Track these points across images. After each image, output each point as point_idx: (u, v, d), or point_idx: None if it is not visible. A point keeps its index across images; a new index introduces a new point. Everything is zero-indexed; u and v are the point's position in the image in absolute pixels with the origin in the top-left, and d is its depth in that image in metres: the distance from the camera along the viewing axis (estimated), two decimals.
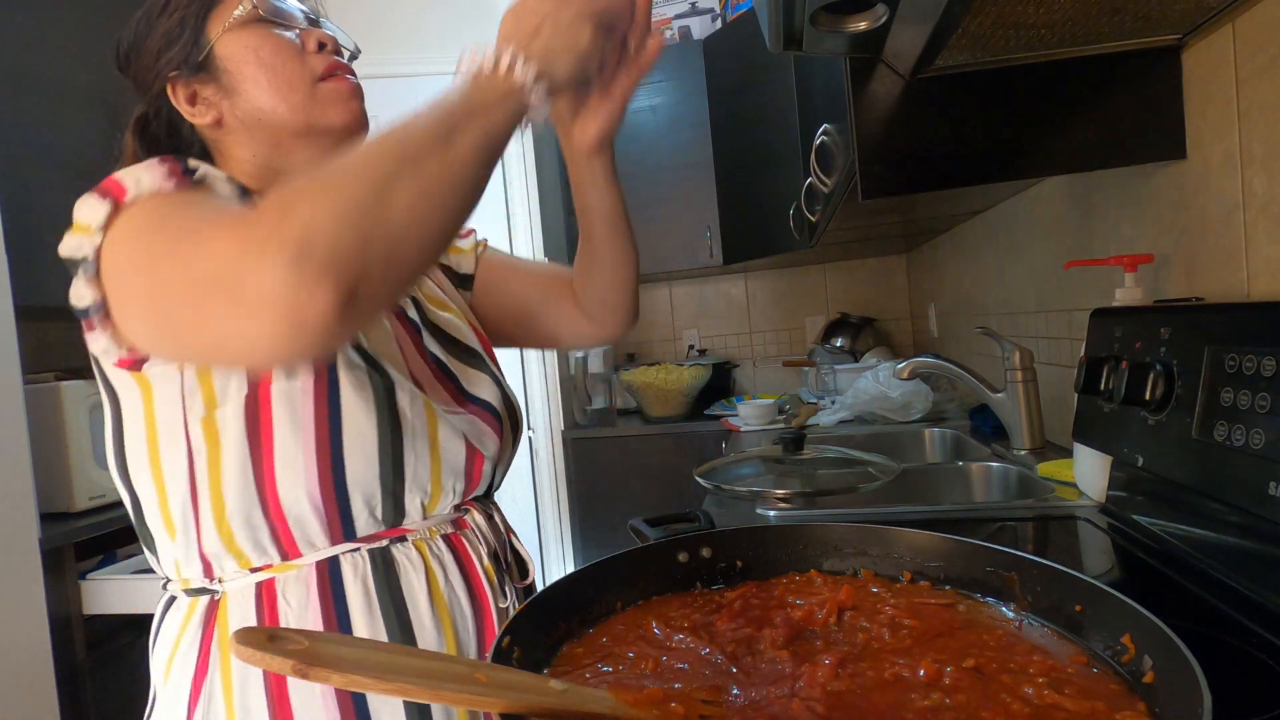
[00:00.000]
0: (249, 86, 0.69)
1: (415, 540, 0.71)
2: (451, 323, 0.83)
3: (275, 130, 0.70)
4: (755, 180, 2.66)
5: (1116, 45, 0.89)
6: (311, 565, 0.67)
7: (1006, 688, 0.41)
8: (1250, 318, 0.67)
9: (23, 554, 1.63)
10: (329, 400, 0.66)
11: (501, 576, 0.76)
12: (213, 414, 0.64)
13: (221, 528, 0.65)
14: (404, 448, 0.68)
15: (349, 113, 0.72)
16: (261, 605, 0.66)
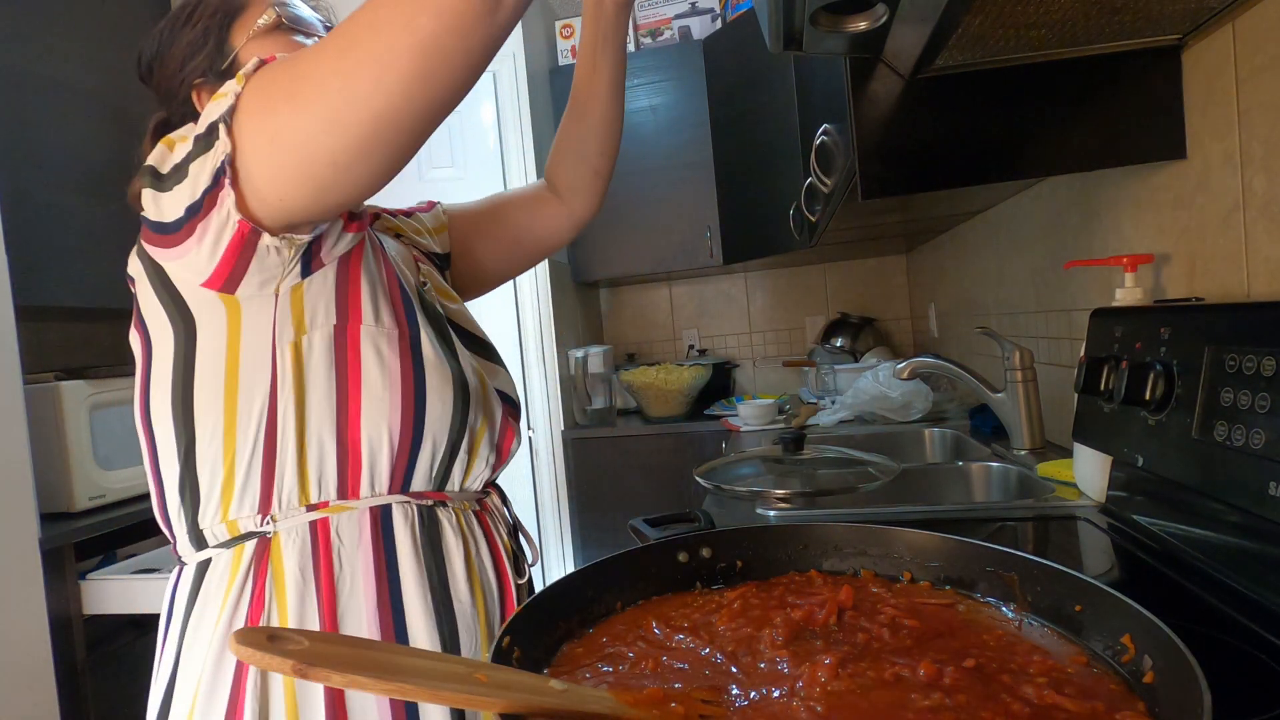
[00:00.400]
0: None
1: (454, 506, 0.75)
2: (461, 313, 0.87)
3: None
4: (755, 180, 2.66)
5: (1116, 45, 0.89)
6: (366, 509, 0.70)
7: (1006, 688, 0.41)
8: (1250, 318, 0.67)
9: (23, 554, 1.63)
10: (413, 353, 0.72)
11: (517, 555, 0.81)
12: (300, 339, 0.67)
13: (302, 453, 0.68)
14: (469, 412, 0.74)
15: None
16: (316, 543, 0.68)
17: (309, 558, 0.68)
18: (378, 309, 0.71)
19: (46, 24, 2.18)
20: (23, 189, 1.96)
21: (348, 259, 0.71)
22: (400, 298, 0.74)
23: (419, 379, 0.71)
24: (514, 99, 2.65)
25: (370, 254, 0.74)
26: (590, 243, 2.94)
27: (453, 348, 0.77)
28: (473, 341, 0.85)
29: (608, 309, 3.40)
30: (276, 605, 0.67)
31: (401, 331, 0.72)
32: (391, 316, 0.72)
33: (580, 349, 2.81)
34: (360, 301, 0.70)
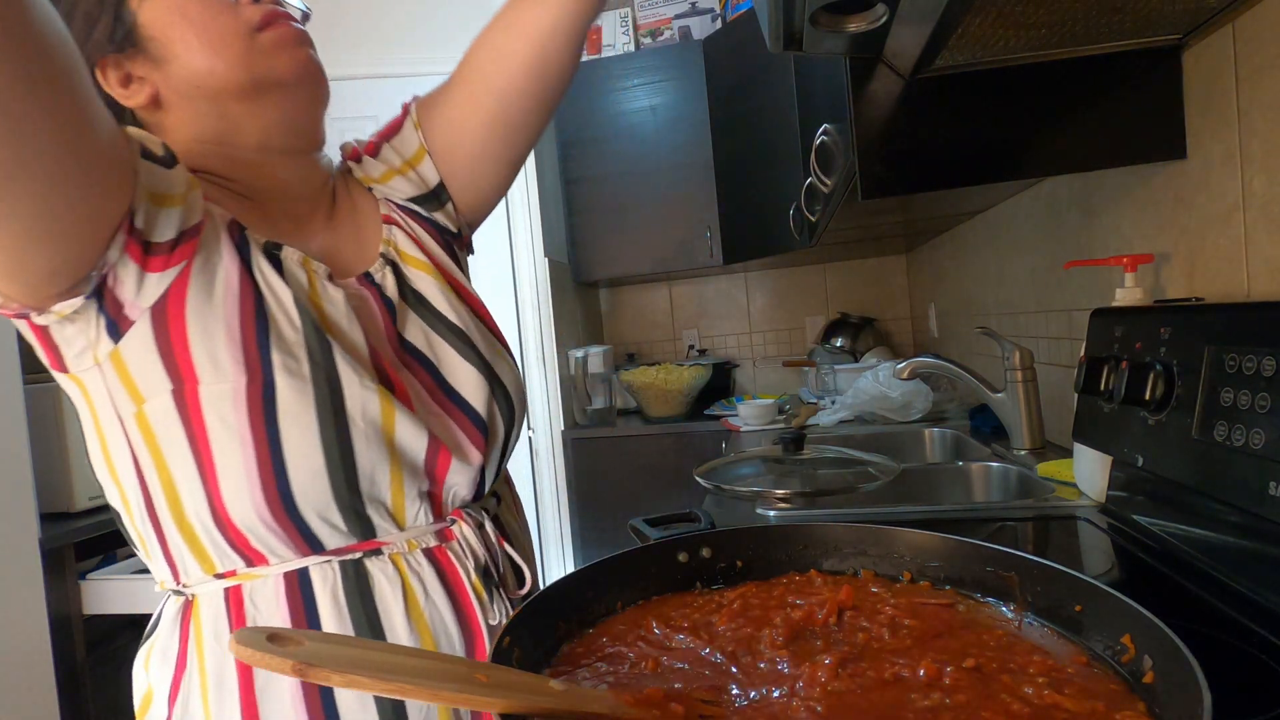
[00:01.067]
0: (179, 50, 0.63)
1: (391, 554, 0.65)
2: (432, 290, 0.74)
3: (217, 96, 0.64)
4: (755, 180, 2.66)
5: (1116, 45, 0.89)
6: (279, 575, 0.62)
7: (1006, 687, 0.41)
8: (1250, 318, 0.67)
9: (23, 554, 1.63)
10: (264, 408, 0.59)
11: (491, 591, 0.69)
12: (142, 409, 0.59)
13: (183, 528, 0.61)
14: (355, 458, 0.61)
15: (296, 61, 0.65)
16: (230, 610, 0.62)
17: (224, 625, 0.62)
18: (216, 359, 0.58)
19: None
20: None
21: (164, 305, 0.58)
22: (254, 334, 0.60)
23: (274, 442, 0.59)
24: None
25: (202, 285, 0.59)
26: (590, 243, 2.94)
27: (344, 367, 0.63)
28: (441, 325, 0.72)
29: (608, 309, 3.40)
30: (198, 670, 0.62)
31: (251, 378, 0.59)
32: (236, 362, 0.59)
33: (580, 349, 2.81)
34: (191, 356, 0.58)
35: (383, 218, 0.77)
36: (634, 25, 2.98)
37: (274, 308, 0.62)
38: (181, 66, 0.63)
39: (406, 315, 0.72)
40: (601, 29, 2.98)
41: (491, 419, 0.72)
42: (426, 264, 0.75)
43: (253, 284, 0.62)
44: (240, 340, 0.59)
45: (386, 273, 0.72)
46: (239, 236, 0.63)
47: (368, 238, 0.75)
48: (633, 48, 2.96)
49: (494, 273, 2.68)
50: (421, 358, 0.71)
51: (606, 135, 2.89)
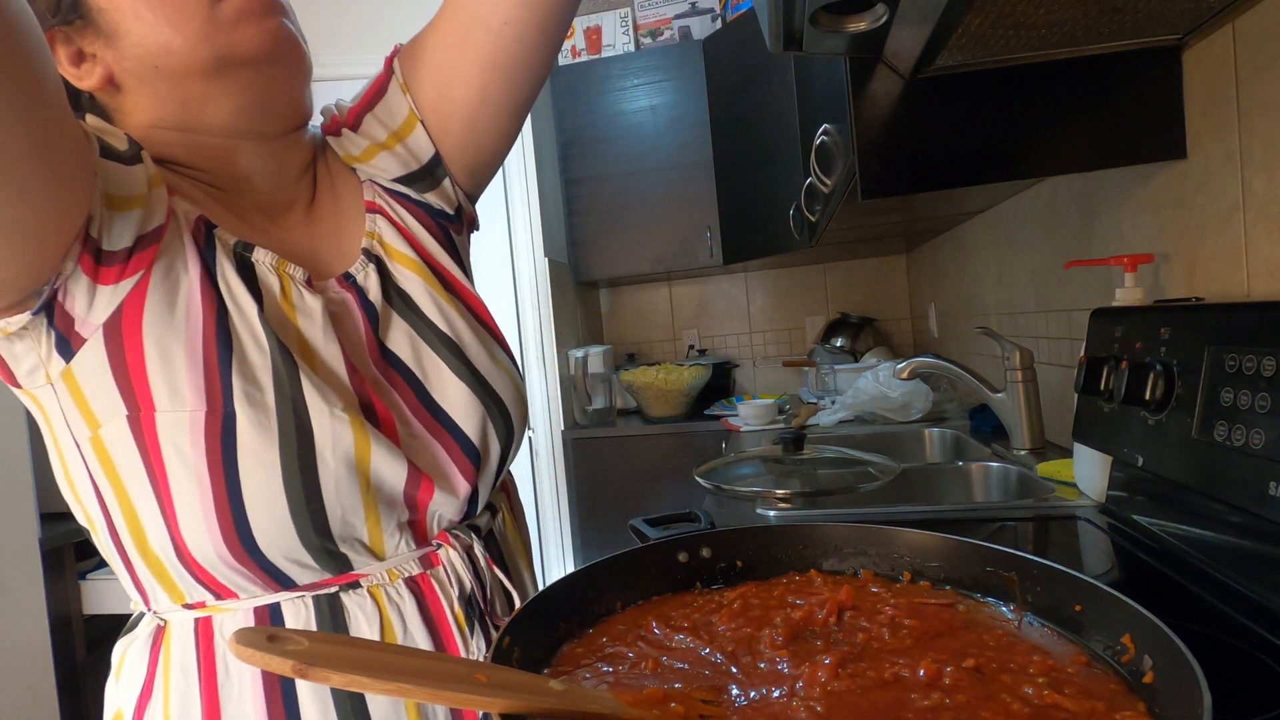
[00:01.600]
0: (131, 24, 0.55)
1: (370, 587, 0.60)
2: (420, 291, 0.66)
3: (176, 76, 0.56)
4: (755, 180, 2.66)
5: (1116, 45, 0.89)
6: (250, 609, 0.58)
7: (1006, 687, 0.41)
8: (1250, 318, 0.67)
9: (23, 554, 1.63)
10: (223, 442, 0.53)
11: (473, 623, 0.64)
12: (98, 434, 0.54)
13: (148, 559, 0.56)
14: (324, 501, 0.56)
15: (264, 32, 0.57)
16: (198, 642, 0.59)
17: (192, 661, 0.58)
18: (173, 384, 0.53)
19: None
20: None
21: (118, 322, 0.52)
22: (216, 358, 0.54)
23: (232, 482, 0.53)
24: None
25: (161, 299, 0.54)
26: (590, 243, 2.94)
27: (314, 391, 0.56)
28: (429, 332, 0.65)
29: (608, 309, 3.40)
30: (162, 702, 0.58)
31: (211, 408, 0.53)
32: (196, 389, 0.53)
33: (580, 349, 2.81)
34: (148, 380, 0.52)
35: (366, 205, 0.68)
36: (634, 25, 2.98)
37: (239, 326, 0.56)
38: (135, 43, 0.56)
39: (390, 320, 0.65)
40: (601, 29, 2.98)
41: (484, 443, 0.65)
42: (415, 261, 0.67)
43: (216, 298, 0.56)
44: (201, 364, 0.54)
45: (369, 271, 0.65)
46: (205, 238, 0.57)
47: (349, 230, 0.67)
48: (633, 48, 2.96)
49: (494, 273, 2.68)
50: (406, 372, 0.64)
51: (606, 135, 2.89)
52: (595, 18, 2.99)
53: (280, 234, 0.64)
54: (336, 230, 0.67)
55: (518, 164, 2.67)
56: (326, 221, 0.67)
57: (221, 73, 0.57)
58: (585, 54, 2.98)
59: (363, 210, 0.68)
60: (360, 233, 0.67)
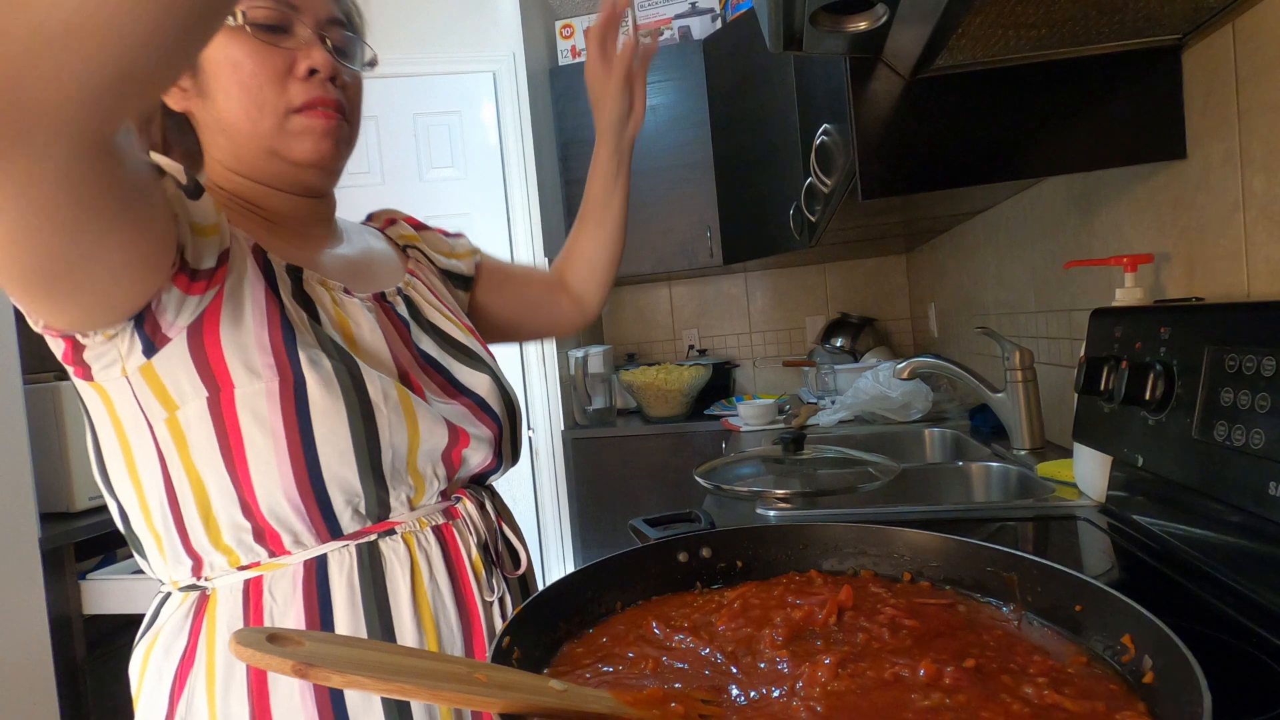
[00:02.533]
0: (221, 97, 0.67)
1: (404, 533, 0.69)
2: (445, 322, 0.82)
3: (239, 143, 0.69)
4: (755, 180, 2.66)
5: (1116, 45, 0.89)
6: (300, 563, 0.66)
7: (1006, 688, 0.41)
8: (1250, 318, 0.67)
9: (23, 554, 1.63)
10: (295, 401, 0.63)
11: (490, 568, 0.73)
12: (174, 415, 0.62)
13: (209, 526, 0.64)
14: (380, 440, 0.66)
15: (315, 152, 0.69)
16: (248, 601, 0.65)
17: (239, 618, 0.64)
18: (250, 365, 0.63)
19: None
20: None
21: (200, 325, 0.61)
22: (282, 342, 0.64)
23: (305, 432, 0.63)
24: (514, 99, 2.65)
25: (234, 304, 0.64)
26: None
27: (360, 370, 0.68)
28: (452, 346, 0.80)
29: (608, 309, 3.40)
30: (205, 664, 0.64)
31: (283, 379, 0.63)
32: (270, 367, 0.63)
33: (580, 349, 2.81)
34: (227, 367, 0.62)
35: (408, 270, 0.84)
36: (634, 25, 2.98)
37: (295, 319, 0.66)
38: (217, 108, 0.68)
39: (421, 334, 0.79)
40: None
41: (495, 405, 0.79)
42: (438, 303, 0.83)
43: (278, 301, 0.66)
44: (270, 348, 0.63)
45: (399, 301, 0.79)
46: (263, 260, 0.68)
47: (382, 273, 0.82)
48: None
49: None
50: (435, 364, 0.77)
51: None
52: (595, 18, 2.99)
53: (315, 258, 0.75)
54: (369, 267, 0.81)
55: (518, 164, 2.67)
56: (358, 259, 0.80)
57: (271, 159, 0.70)
58: (585, 54, 2.99)
59: (400, 267, 0.85)
60: (394, 280, 0.82)
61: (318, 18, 0.69)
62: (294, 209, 0.74)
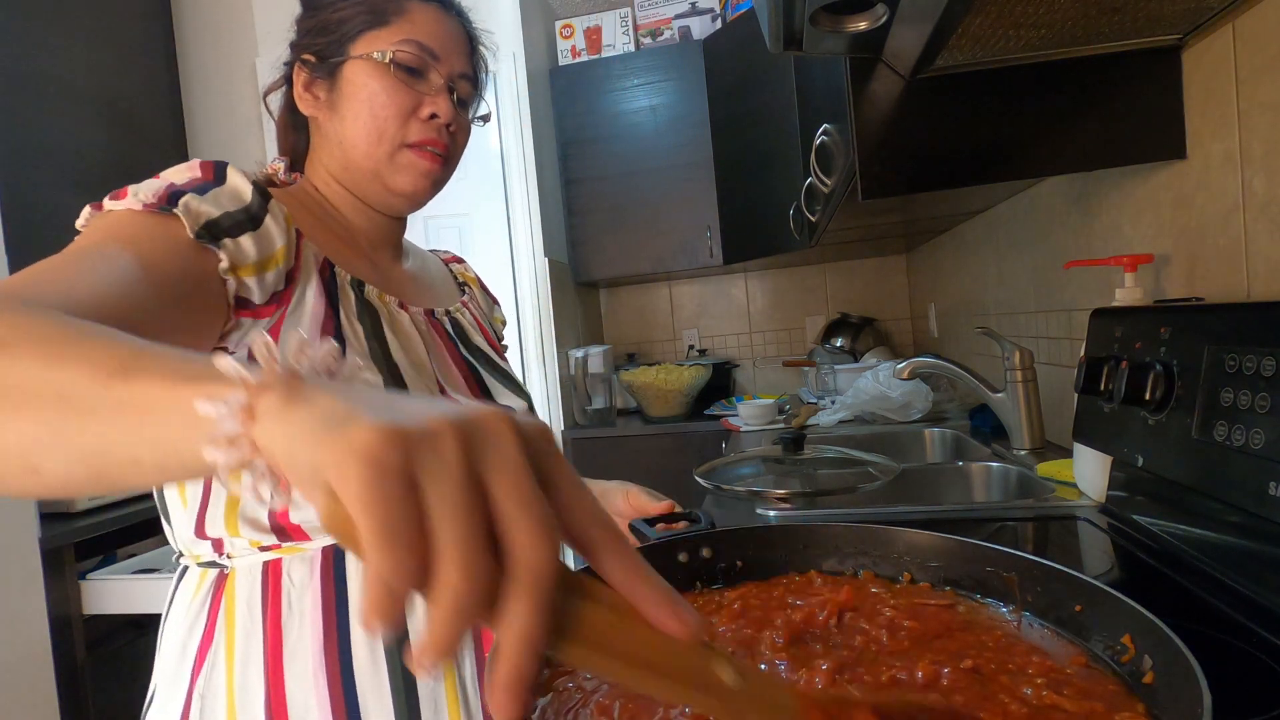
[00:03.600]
0: (348, 116, 0.74)
1: None
2: (489, 350, 0.88)
3: (350, 159, 0.76)
4: (755, 180, 2.66)
5: (1116, 45, 0.89)
6: (319, 549, 0.68)
7: (1005, 688, 0.41)
8: (1250, 318, 0.67)
9: (23, 554, 1.63)
10: None
11: None
12: None
13: (230, 517, 0.65)
14: None
15: (412, 186, 0.76)
16: (267, 583, 0.67)
17: (258, 598, 0.67)
18: None
19: (46, 24, 2.18)
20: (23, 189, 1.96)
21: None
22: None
23: None
24: (514, 99, 2.65)
25: (294, 320, 0.67)
26: (590, 243, 2.94)
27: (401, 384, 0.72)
28: (494, 369, 0.86)
29: (608, 309, 3.40)
30: (225, 641, 0.66)
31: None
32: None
33: (580, 349, 2.80)
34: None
35: (461, 302, 0.91)
36: (634, 25, 2.98)
37: (350, 335, 0.71)
38: (342, 124, 0.75)
39: (466, 353, 0.84)
40: (601, 29, 2.98)
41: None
42: (484, 339, 0.89)
43: (335, 317, 0.71)
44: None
45: (447, 320, 0.84)
46: (329, 276, 0.72)
47: (437, 293, 0.88)
48: (633, 48, 2.96)
49: (494, 273, 2.68)
50: (478, 378, 0.82)
51: (606, 135, 2.89)
52: (595, 18, 2.98)
53: (378, 271, 0.81)
54: (427, 286, 0.88)
55: (518, 164, 2.67)
56: (416, 276, 0.87)
57: (374, 180, 0.77)
58: (585, 54, 2.98)
59: (455, 294, 0.92)
60: (447, 303, 0.88)
61: (452, 70, 0.77)
62: (373, 225, 0.81)
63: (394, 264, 0.85)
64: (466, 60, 0.79)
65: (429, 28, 0.75)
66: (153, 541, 1.99)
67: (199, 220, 0.59)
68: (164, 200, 0.58)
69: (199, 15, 2.69)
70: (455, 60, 0.77)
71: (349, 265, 0.76)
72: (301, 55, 0.77)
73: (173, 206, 0.58)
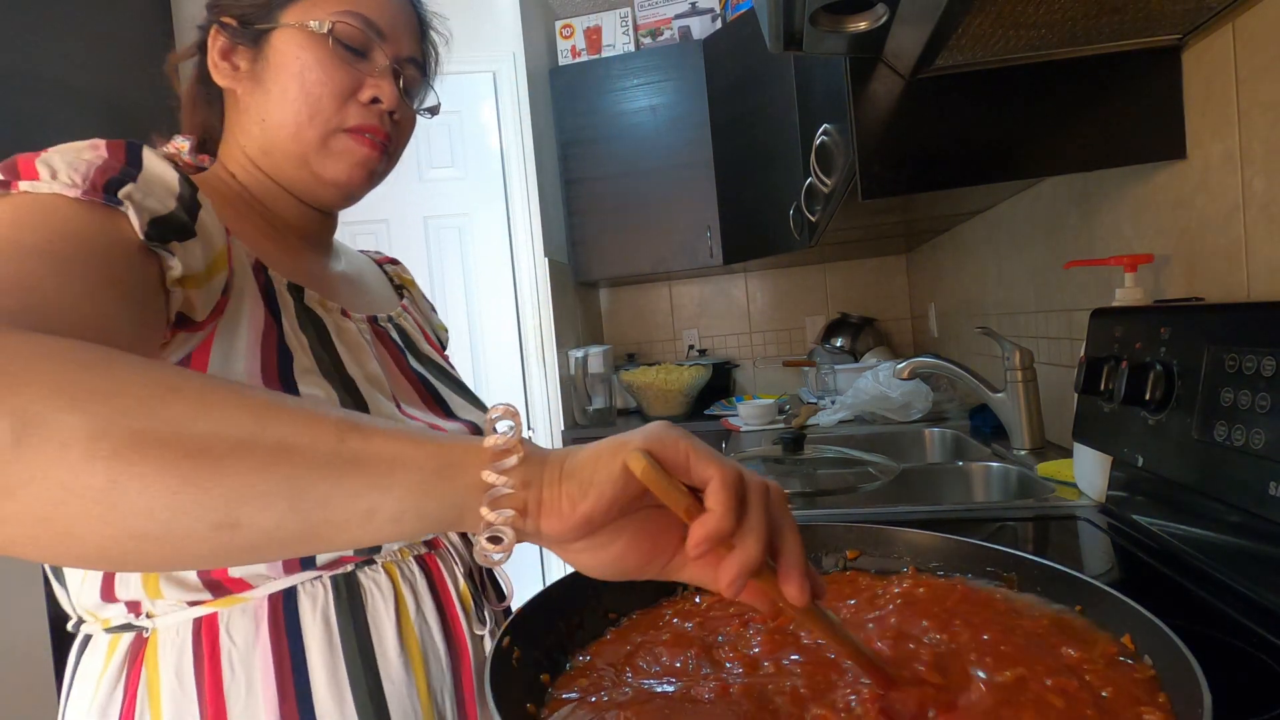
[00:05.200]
0: (276, 92, 0.65)
1: (385, 562, 0.61)
2: (437, 357, 0.81)
3: (274, 141, 0.66)
4: (755, 180, 2.66)
5: (1116, 45, 0.89)
6: (263, 598, 0.57)
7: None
8: (1250, 318, 0.67)
9: None
10: None
11: (478, 599, 0.67)
12: None
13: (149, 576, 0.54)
14: None
15: (346, 174, 0.67)
16: (200, 645, 0.55)
17: (189, 664, 0.55)
18: None
19: (46, 24, 2.18)
20: None
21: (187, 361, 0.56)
22: (276, 372, 0.59)
23: None
24: (514, 98, 2.65)
25: (226, 340, 0.58)
26: (590, 243, 2.94)
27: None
28: (445, 378, 0.78)
29: (608, 309, 3.40)
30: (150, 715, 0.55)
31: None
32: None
33: (580, 349, 2.80)
34: None
35: (401, 305, 0.83)
36: (634, 25, 2.98)
37: (295, 346, 0.62)
38: (267, 101, 0.65)
39: (415, 361, 0.76)
40: (601, 29, 2.98)
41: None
42: (430, 345, 0.82)
43: (278, 327, 0.62)
44: (265, 378, 0.58)
45: (391, 328, 0.77)
46: (264, 279, 0.64)
47: (373, 298, 0.80)
48: (633, 48, 2.96)
49: (494, 273, 2.68)
50: (431, 388, 0.75)
51: (606, 135, 2.89)
52: (595, 18, 2.98)
53: (311, 271, 0.72)
54: (364, 290, 0.79)
55: (518, 164, 2.67)
56: (350, 279, 0.78)
57: (301, 168, 0.67)
58: (585, 54, 2.98)
59: (393, 298, 0.84)
60: (387, 307, 0.80)
61: (399, 52, 0.68)
62: (300, 218, 0.72)
63: (328, 267, 0.75)
64: (416, 44, 0.71)
65: (375, 1, 0.66)
66: None
67: (146, 215, 0.50)
68: (101, 190, 0.48)
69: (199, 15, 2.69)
70: (404, 42, 0.69)
71: (281, 267, 0.66)
72: (220, 18, 0.66)
73: (113, 198, 0.48)
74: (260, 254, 0.65)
